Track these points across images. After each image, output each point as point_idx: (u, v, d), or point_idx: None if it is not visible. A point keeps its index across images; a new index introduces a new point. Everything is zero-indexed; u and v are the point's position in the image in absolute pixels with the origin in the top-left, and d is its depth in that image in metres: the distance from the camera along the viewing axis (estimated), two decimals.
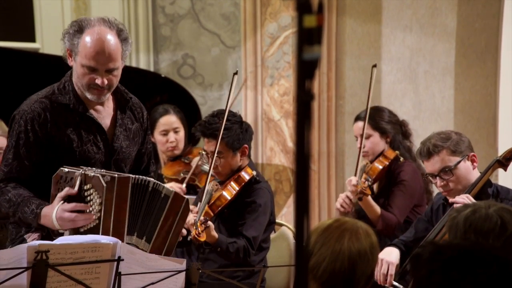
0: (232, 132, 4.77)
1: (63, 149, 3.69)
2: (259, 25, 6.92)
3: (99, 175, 3.48)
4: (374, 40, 6.61)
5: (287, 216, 6.86)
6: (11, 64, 6.23)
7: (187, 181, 5.76)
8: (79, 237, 3.30)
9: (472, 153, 4.43)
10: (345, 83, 6.71)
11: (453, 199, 4.30)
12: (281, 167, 6.97)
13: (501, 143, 6.33)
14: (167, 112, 5.84)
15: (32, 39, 7.20)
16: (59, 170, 3.57)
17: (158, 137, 5.84)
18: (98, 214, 3.49)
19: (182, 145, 5.91)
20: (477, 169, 4.46)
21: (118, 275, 3.09)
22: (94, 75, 3.66)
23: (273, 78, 6.95)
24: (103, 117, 3.79)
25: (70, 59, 3.73)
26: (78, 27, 3.67)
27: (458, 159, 4.38)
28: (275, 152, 6.97)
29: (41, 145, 3.68)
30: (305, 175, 1.72)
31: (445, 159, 4.39)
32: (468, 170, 4.40)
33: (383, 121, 5.32)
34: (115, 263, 3.10)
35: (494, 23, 6.40)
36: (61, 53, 3.77)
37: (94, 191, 3.49)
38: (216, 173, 4.85)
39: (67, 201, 3.53)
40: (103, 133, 3.77)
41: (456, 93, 6.42)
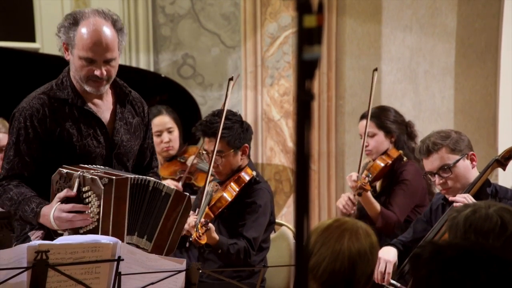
0: (233, 131, 4.77)
1: (63, 144, 3.68)
2: (259, 25, 6.92)
3: (96, 178, 3.46)
4: (374, 40, 6.61)
5: (287, 216, 6.86)
6: (11, 64, 6.23)
7: (184, 180, 5.75)
8: (79, 237, 3.29)
9: (471, 152, 4.42)
10: (345, 83, 6.71)
11: (452, 198, 4.30)
12: (281, 167, 6.97)
13: (501, 143, 6.33)
14: (160, 112, 5.83)
15: (32, 39, 7.20)
16: (58, 170, 3.57)
17: None
18: (96, 216, 3.48)
19: (177, 145, 5.90)
20: (477, 168, 4.46)
21: (118, 275, 3.09)
22: (92, 66, 3.64)
23: (273, 78, 6.95)
24: (102, 111, 3.77)
25: (66, 53, 3.70)
26: (73, 20, 3.66)
27: (457, 158, 4.38)
28: (275, 152, 6.97)
29: (41, 141, 3.67)
30: (305, 175, 1.72)
31: (444, 157, 4.38)
32: (467, 168, 4.40)
33: (389, 121, 5.32)
34: (115, 263, 3.10)
35: (494, 23, 6.40)
36: (61, 53, 3.77)
37: (92, 193, 3.48)
38: (216, 173, 4.85)
39: (65, 202, 3.52)
40: (103, 127, 3.75)
41: (456, 93, 6.42)
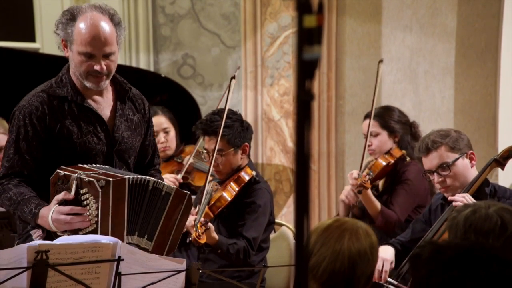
0: (233, 129, 4.77)
1: (63, 142, 3.67)
2: (259, 25, 6.92)
3: (94, 180, 3.45)
4: (374, 40, 6.61)
5: (287, 216, 6.86)
6: (11, 64, 6.23)
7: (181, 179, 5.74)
8: (79, 237, 3.29)
9: (470, 151, 4.43)
10: (345, 83, 6.71)
11: (451, 198, 4.31)
12: (281, 167, 6.97)
13: (501, 143, 6.33)
14: (155, 113, 5.82)
15: (32, 39, 7.20)
16: (55, 172, 3.55)
17: None
18: (95, 218, 3.47)
19: (173, 145, 5.89)
20: (476, 168, 4.46)
21: (118, 275, 3.09)
22: (91, 61, 3.63)
23: (273, 78, 6.95)
24: (102, 107, 3.76)
25: (65, 50, 3.69)
26: (70, 15, 3.65)
27: (456, 156, 4.38)
28: (275, 152, 6.97)
29: (40, 139, 3.66)
30: (305, 175, 1.72)
31: (443, 155, 4.38)
32: (466, 167, 4.40)
33: (392, 121, 5.32)
34: (115, 263, 3.10)
35: (494, 23, 6.40)
36: (60, 50, 3.76)
37: (90, 195, 3.47)
38: (216, 172, 4.85)
39: (63, 204, 3.51)
40: (103, 123, 3.74)
41: (456, 93, 6.42)
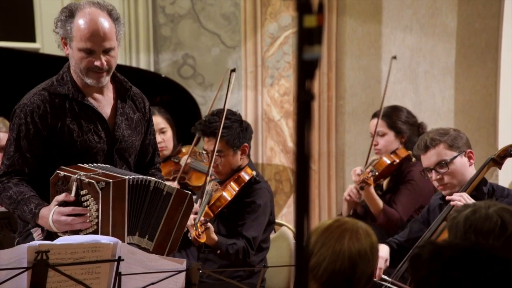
0: (232, 130, 4.77)
1: (64, 140, 3.67)
2: (259, 25, 6.92)
3: (94, 182, 3.45)
4: (374, 40, 6.61)
5: (287, 216, 6.86)
6: (11, 64, 6.23)
7: (178, 180, 5.73)
8: (79, 237, 3.29)
9: (469, 150, 4.43)
10: (345, 83, 6.71)
11: (449, 197, 4.31)
12: (281, 167, 6.97)
13: (501, 143, 6.33)
14: (152, 113, 5.81)
15: (32, 39, 7.20)
16: (55, 172, 3.55)
17: None
18: (95, 220, 3.47)
19: (171, 145, 5.88)
20: (475, 168, 4.46)
21: (118, 275, 3.09)
22: (92, 57, 3.64)
23: (273, 78, 6.95)
24: (103, 106, 3.76)
25: (65, 48, 3.70)
26: (68, 12, 3.66)
27: (454, 154, 4.39)
28: (275, 152, 6.97)
29: (41, 137, 3.66)
30: (305, 175, 1.72)
31: (441, 153, 4.39)
32: (464, 165, 4.40)
33: (400, 121, 5.32)
34: (115, 263, 3.10)
35: (494, 23, 6.40)
36: (60, 49, 3.76)
37: (90, 197, 3.47)
38: (216, 172, 4.85)
39: (63, 205, 3.51)
40: (103, 122, 3.74)
41: (456, 93, 6.42)
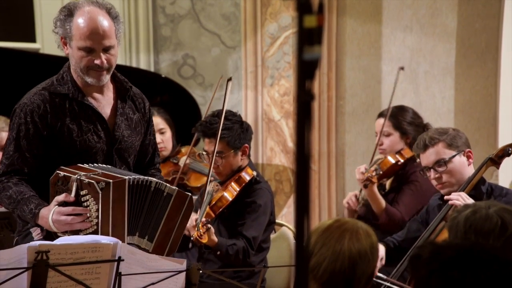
0: (233, 131, 4.77)
1: (64, 140, 3.67)
2: (259, 25, 6.92)
3: (93, 182, 3.45)
4: (374, 40, 6.61)
5: (287, 216, 6.86)
6: (11, 64, 6.22)
7: (177, 181, 5.73)
8: (80, 237, 3.30)
9: (468, 149, 4.43)
10: (345, 83, 6.70)
11: (447, 197, 4.31)
12: (282, 167, 6.97)
13: (501, 143, 6.32)
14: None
15: (32, 40, 7.20)
16: (55, 173, 3.55)
17: None
18: (95, 220, 3.47)
19: (170, 145, 5.88)
20: (474, 167, 4.46)
21: (118, 275, 3.09)
22: (91, 56, 3.63)
23: (273, 78, 6.95)
24: (103, 106, 3.76)
25: (65, 48, 3.69)
26: (67, 12, 3.66)
27: (453, 153, 4.39)
28: (275, 152, 6.97)
29: (41, 137, 3.66)
30: (306, 175, 1.72)
31: (440, 151, 4.39)
32: (462, 165, 4.41)
33: (405, 122, 5.33)
34: (116, 264, 3.10)
35: (494, 23, 6.40)
36: (60, 49, 3.76)
37: (90, 197, 3.47)
38: (216, 173, 4.85)
39: (63, 205, 3.51)
40: (103, 122, 3.74)
41: (456, 93, 6.42)
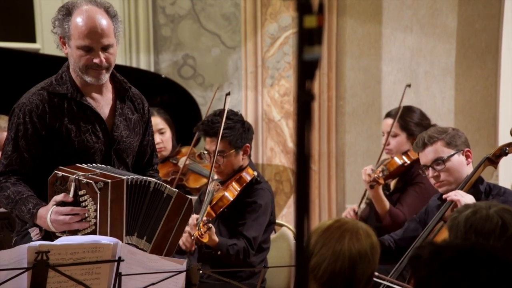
0: (234, 131, 4.77)
1: (62, 140, 3.67)
2: (259, 26, 6.92)
3: (92, 182, 3.44)
4: (374, 40, 6.61)
5: (287, 216, 6.86)
6: (11, 64, 6.22)
7: (176, 181, 5.72)
8: (80, 237, 3.30)
9: (467, 149, 4.44)
10: (346, 83, 6.70)
11: (445, 195, 4.32)
12: (282, 168, 6.97)
13: (501, 143, 6.31)
14: (151, 114, 5.80)
15: (32, 40, 7.20)
16: (53, 173, 3.55)
17: None
18: (94, 220, 3.47)
19: (169, 146, 5.87)
20: (472, 166, 4.46)
21: (118, 275, 3.09)
22: (90, 55, 3.63)
23: (273, 78, 6.94)
24: (101, 106, 3.76)
25: (64, 47, 3.69)
26: (66, 11, 3.66)
27: (452, 152, 4.40)
28: (275, 152, 6.97)
29: (40, 137, 3.66)
30: (306, 176, 1.72)
31: (438, 150, 4.40)
32: (461, 164, 4.41)
33: (412, 122, 5.33)
34: (116, 264, 3.10)
35: (494, 23, 6.39)
36: (59, 49, 3.76)
37: (88, 197, 3.47)
38: (217, 173, 4.85)
39: (61, 205, 3.50)
40: (102, 122, 3.74)
41: (456, 93, 6.42)
